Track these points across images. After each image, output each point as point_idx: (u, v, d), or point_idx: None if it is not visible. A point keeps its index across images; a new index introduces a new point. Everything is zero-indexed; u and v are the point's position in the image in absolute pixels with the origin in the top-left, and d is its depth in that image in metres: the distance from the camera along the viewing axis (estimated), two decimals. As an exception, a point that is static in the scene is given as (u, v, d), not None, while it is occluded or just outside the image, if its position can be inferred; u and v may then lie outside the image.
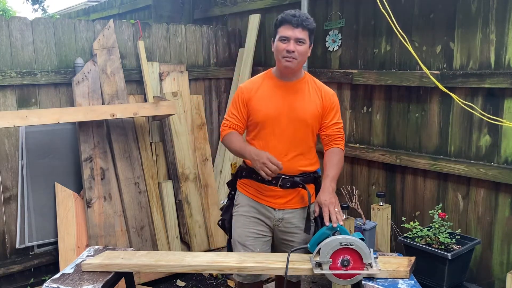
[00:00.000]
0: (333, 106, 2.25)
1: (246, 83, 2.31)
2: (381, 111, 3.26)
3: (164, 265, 2.04)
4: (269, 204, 2.23)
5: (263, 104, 2.20)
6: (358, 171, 3.48)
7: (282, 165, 2.03)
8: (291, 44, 2.08)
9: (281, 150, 2.17)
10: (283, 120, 2.18)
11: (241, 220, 2.28)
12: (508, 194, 2.66)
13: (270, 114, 2.18)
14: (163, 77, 3.76)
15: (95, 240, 3.21)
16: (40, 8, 10.14)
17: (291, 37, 2.08)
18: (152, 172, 3.57)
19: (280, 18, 2.13)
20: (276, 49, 2.14)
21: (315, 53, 3.63)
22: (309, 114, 2.19)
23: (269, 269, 1.98)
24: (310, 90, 2.23)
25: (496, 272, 2.76)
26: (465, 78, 2.73)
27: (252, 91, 2.24)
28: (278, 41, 2.12)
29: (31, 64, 3.24)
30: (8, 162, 3.19)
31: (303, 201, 2.25)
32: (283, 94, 2.20)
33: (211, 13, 4.61)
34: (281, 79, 2.22)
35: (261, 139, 2.21)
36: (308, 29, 2.11)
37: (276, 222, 2.24)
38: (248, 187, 2.28)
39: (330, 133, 2.25)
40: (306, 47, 2.12)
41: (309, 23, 2.10)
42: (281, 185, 2.18)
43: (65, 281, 1.92)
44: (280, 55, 2.12)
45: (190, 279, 3.52)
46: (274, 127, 2.18)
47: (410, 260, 1.98)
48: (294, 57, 2.09)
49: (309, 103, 2.20)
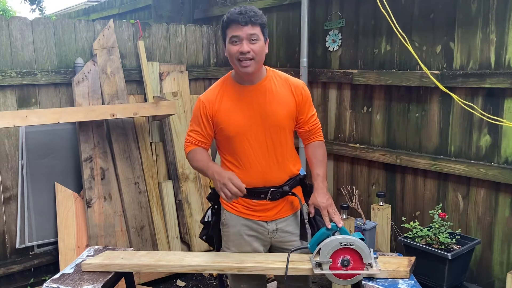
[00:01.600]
0: (306, 98, 2.09)
1: (206, 95, 2.09)
2: (381, 111, 3.26)
3: (164, 265, 2.04)
4: (260, 219, 2.09)
5: (232, 117, 2.01)
6: (358, 171, 3.48)
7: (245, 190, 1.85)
8: (244, 44, 1.89)
9: (263, 161, 2.03)
10: (258, 130, 2.01)
11: (235, 240, 2.12)
12: (508, 194, 2.66)
13: (242, 126, 2.00)
14: (163, 77, 3.76)
15: (95, 240, 3.21)
16: (38, 9, 10.14)
17: (241, 36, 1.89)
18: (152, 172, 3.57)
19: (226, 19, 1.93)
20: (229, 53, 1.94)
21: (315, 53, 3.64)
22: (283, 116, 2.03)
23: (269, 269, 1.98)
24: (278, 87, 2.04)
25: (496, 272, 2.76)
26: (465, 78, 2.73)
27: (216, 104, 2.03)
28: (229, 43, 1.93)
29: (31, 64, 3.24)
30: (8, 162, 3.19)
31: (293, 207, 2.13)
32: (251, 100, 2.01)
33: (211, 13, 4.61)
34: (243, 83, 2.03)
35: (239, 155, 2.03)
36: (259, 24, 1.92)
37: (271, 234, 2.11)
38: (234, 204, 2.09)
39: (309, 128, 2.14)
40: (261, 44, 1.93)
41: (258, 18, 1.91)
42: (270, 198, 2.05)
43: (65, 281, 1.92)
44: (234, 58, 1.92)
45: (190, 279, 3.52)
46: (250, 140, 2.01)
47: (410, 260, 1.98)
48: (250, 57, 1.90)
49: (280, 104, 2.02)
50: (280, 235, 2.12)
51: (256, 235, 2.11)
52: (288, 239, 2.12)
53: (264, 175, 2.04)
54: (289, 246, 2.11)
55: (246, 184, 1.91)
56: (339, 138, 3.56)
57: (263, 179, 2.04)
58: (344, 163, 3.57)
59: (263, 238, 2.12)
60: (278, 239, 2.13)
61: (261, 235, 2.11)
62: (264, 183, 2.05)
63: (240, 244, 2.12)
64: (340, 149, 3.51)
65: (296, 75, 3.64)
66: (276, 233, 2.11)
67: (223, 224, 2.15)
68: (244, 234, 2.10)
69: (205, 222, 2.24)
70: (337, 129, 3.56)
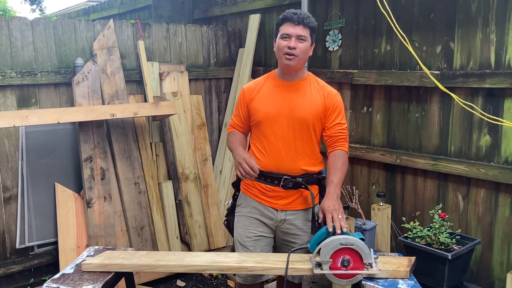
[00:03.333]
0: (335, 107, 2.21)
1: (249, 84, 2.33)
2: (381, 111, 3.26)
3: (164, 265, 2.04)
4: (271, 205, 2.22)
5: (263, 104, 2.20)
6: (358, 171, 3.48)
7: (258, 169, 2.05)
8: (292, 41, 2.08)
9: (282, 150, 2.17)
10: (283, 120, 2.16)
11: (242, 221, 2.28)
12: (508, 194, 2.66)
13: (270, 114, 2.17)
14: (163, 77, 3.76)
15: (95, 240, 3.21)
16: (38, 8, 10.14)
17: (292, 34, 2.08)
18: (152, 172, 3.57)
19: (281, 17, 2.13)
20: (278, 47, 2.13)
21: (315, 53, 3.63)
22: (310, 114, 2.16)
23: (269, 269, 1.98)
24: (312, 89, 2.21)
25: (496, 272, 2.76)
26: (465, 78, 2.73)
27: (254, 92, 2.25)
28: (280, 39, 2.12)
29: (31, 64, 3.24)
30: (8, 162, 3.19)
31: (306, 202, 2.23)
32: (284, 93, 2.19)
33: (211, 13, 4.61)
34: (283, 78, 2.21)
35: (263, 139, 2.20)
36: (310, 27, 2.11)
37: (278, 223, 2.23)
38: (251, 188, 2.27)
39: (332, 134, 2.20)
40: (307, 45, 2.11)
41: (310, 21, 2.11)
42: (283, 185, 2.17)
43: (65, 281, 1.92)
44: (281, 52, 2.11)
45: (190, 279, 3.52)
46: (274, 127, 2.17)
47: (410, 260, 1.98)
48: (295, 54, 2.08)
49: (310, 102, 2.17)
50: (287, 226, 2.23)
51: (263, 220, 2.24)
52: (292, 232, 2.23)
53: (280, 162, 2.18)
54: (292, 238, 2.24)
55: (263, 167, 2.15)
56: (339, 138, 3.55)
57: (278, 166, 2.18)
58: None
59: (270, 225, 2.24)
60: (283, 230, 2.24)
61: (269, 221, 2.24)
62: (279, 170, 2.18)
63: (247, 225, 2.26)
64: (340, 149, 3.50)
65: (296, 75, 3.64)
66: (283, 224, 2.23)
67: (237, 205, 2.34)
68: (253, 216, 2.25)
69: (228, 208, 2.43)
70: (337, 129, 3.55)
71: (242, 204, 2.30)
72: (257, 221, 2.25)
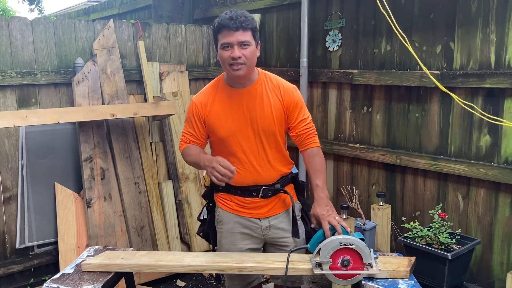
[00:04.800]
0: (295, 104, 2.08)
1: (199, 96, 2.14)
2: (381, 111, 3.26)
3: (164, 265, 2.04)
4: (253, 216, 2.13)
5: (223, 120, 2.06)
6: (358, 171, 3.48)
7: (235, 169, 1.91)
8: (235, 50, 1.91)
9: (255, 164, 2.07)
10: (248, 132, 2.05)
11: (227, 237, 2.17)
12: (508, 194, 2.66)
13: (233, 129, 2.05)
14: (163, 77, 3.76)
15: (95, 240, 3.21)
16: (37, 9, 10.13)
17: (233, 42, 1.91)
18: (152, 172, 3.57)
19: (216, 24, 1.95)
20: (221, 57, 1.96)
21: (315, 53, 3.64)
22: (273, 121, 2.05)
23: (269, 269, 1.98)
24: (268, 92, 2.06)
25: (496, 272, 2.76)
26: (465, 78, 2.73)
27: (208, 106, 2.08)
28: (221, 49, 1.95)
29: (31, 64, 3.24)
30: (8, 162, 3.19)
31: (285, 204, 2.17)
32: (241, 104, 2.05)
33: (211, 13, 4.61)
34: (235, 86, 2.06)
35: (230, 156, 2.06)
36: (250, 28, 1.94)
37: (265, 231, 2.14)
38: (228, 202, 2.16)
39: (299, 132, 2.11)
40: (252, 49, 1.96)
41: (249, 23, 1.93)
42: (262, 195, 2.09)
43: (65, 281, 1.92)
44: (226, 63, 1.95)
45: (190, 279, 3.52)
46: (241, 142, 2.06)
47: (410, 260, 1.98)
48: (241, 62, 1.93)
49: (269, 108, 2.05)
50: (274, 231, 2.15)
51: (249, 233, 2.15)
52: (281, 235, 2.16)
53: (255, 176, 2.09)
54: (282, 242, 2.16)
55: (238, 183, 2.05)
56: (339, 138, 3.56)
57: (254, 179, 2.09)
58: (344, 163, 3.57)
59: (257, 235, 2.16)
60: (271, 236, 2.16)
61: (254, 232, 2.15)
62: (256, 182, 2.09)
63: (232, 241, 2.16)
64: (340, 149, 3.51)
65: (296, 75, 3.65)
66: (270, 230, 2.15)
67: (217, 221, 2.21)
68: (237, 231, 2.15)
69: (201, 220, 2.31)
70: (337, 129, 3.56)
71: (224, 221, 2.17)
72: (242, 235, 2.15)
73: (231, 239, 2.16)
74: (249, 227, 2.15)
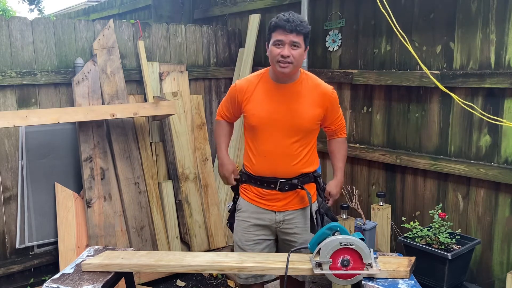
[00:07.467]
0: (334, 105, 2.25)
1: (242, 82, 2.27)
2: (381, 111, 3.26)
3: (164, 265, 2.04)
4: (269, 208, 2.23)
5: (259, 108, 2.17)
6: (358, 171, 3.48)
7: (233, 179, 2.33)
8: (285, 49, 2.03)
9: (278, 155, 2.17)
10: (280, 126, 2.15)
11: (241, 225, 2.30)
12: (508, 194, 2.66)
13: (266, 120, 2.16)
14: (163, 77, 3.76)
15: (95, 240, 3.21)
16: (37, 9, 10.13)
17: (285, 41, 2.04)
18: (152, 172, 3.57)
19: (273, 23, 2.08)
20: (271, 53, 2.09)
21: (315, 53, 3.63)
22: (307, 119, 2.16)
23: (269, 269, 1.98)
24: (308, 91, 2.18)
25: (496, 272, 2.76)
26: (465, 78, 2.73)
27: (247, 93, 2.21)
28: (272, 45, 2.08)
29: (31, 64, 3.24)
30: (8, 162, 3.19)
31: (303, 202, 2.25)
32: (279, 98, 2.16)
33: (211, 13, 4.61)
34: (278, 81, 2.18)
35: (258, 143, 2.20)
36: (303, 33, 2.06)
37: (278, 224, 2.24)
38: (248, 192, 2.29)
39: (335, 128, 2.34)
40: (301, 51, 2.08)
41: (303, 27, 2.05)
42: (279, 188, 2.19)
43: (65, 281, 1.92)
44: (274, 60, 2.07)
45: (190, 279, 3.52)
46: (269, 132, 2.16)
47: (410, 260, 1.98)
48: (289, 61, 2.05)
49: (307, 106, 2.16)
50: (286, 226, 2.25)
51: (263, 224, 2.25)
52: (292, 231, 2.25)
53: (275, 167, 2.19)
54: (292, 238, 2.26)
55: (257, 172, 2.21)
56: (339, 138, 3.55)
57: (273, 170, 2.19)
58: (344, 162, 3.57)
59: (270, 226, 2.26)
60: (283, 230, 2.26)
61: (268, 223, 2.25)
62: (274, 174, 2.19)
63: (246, 230, 2.28)
64: (340, 149, 3.51)
65: (296, 75, 3.64)
66: (282, 224, 2.25)
67: (237, 209, 2.36)
68: (252, 221, 2.26)
69: (229, 211, 2.46)
70: (337, 129, 3.56)
71: (242, 209, 2.31)
72: (255, 225, 2.26)
73: (244, 227, 2.28)
74: (263, 218, 2.25)
